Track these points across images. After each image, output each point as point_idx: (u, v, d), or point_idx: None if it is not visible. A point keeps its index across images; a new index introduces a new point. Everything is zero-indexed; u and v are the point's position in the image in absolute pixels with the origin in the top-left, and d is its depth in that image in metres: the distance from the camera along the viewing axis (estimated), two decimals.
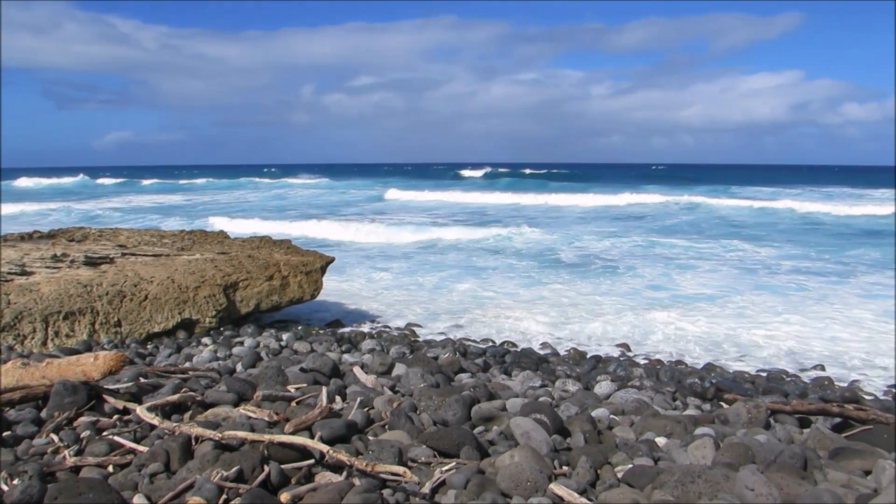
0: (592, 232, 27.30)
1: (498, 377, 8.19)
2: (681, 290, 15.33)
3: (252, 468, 4.22)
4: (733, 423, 6.14)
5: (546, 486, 4.01)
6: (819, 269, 18.26)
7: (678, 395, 7.85)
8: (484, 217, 34.26)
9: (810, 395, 8.09)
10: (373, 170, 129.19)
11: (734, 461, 4.54)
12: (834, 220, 32.40)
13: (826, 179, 76.31)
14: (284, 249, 12.31)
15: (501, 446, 4.94)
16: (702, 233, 27.48)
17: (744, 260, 19.68)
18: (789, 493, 3.95)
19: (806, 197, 44.76)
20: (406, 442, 4.89)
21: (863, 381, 9.22)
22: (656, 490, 4.00)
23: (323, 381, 6.69)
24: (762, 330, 11.83)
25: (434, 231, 25.10)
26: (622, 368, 9.00)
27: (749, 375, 9.27)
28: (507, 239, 23.36)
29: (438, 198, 47.14)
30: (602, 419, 5.94)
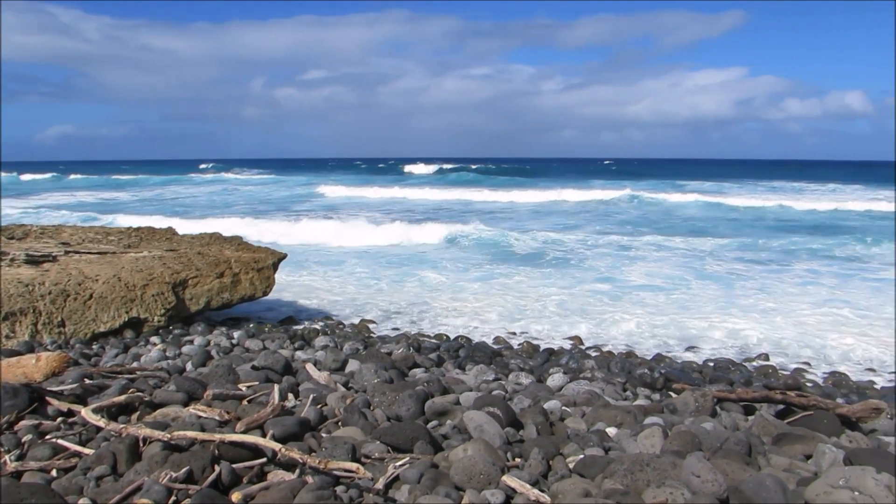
0: (544, 226, 27.59)
1: (452, 372, 8.22)
2: (630, 282, 15.60)
3: (202, 468, 4.15)
4: (681, 411, 6.29)
5: (499, 479, 4.05)
6: (762, 259, 18.79)
7: (628, 385, 7.99)
8: (436, 213, 34.25)
9: (755, 384, 8.33)
10: (323, 165, 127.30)
11: (682, 449, 4.65)
12: (777, 214, 33.33)
13: (770, 174, 78.32)
14: (235, 246, 12.12)
15: (455, 440, 4.97)
16: (650, 226, 28.01)
17: (690, 252, 20.11)
18: (734, 478, 4.07)
19: (748, 191, 45.92)
20: (360, 438, 4.88)
21: (804, 369, 9.53)
22: (606, 479, 4.07)
23: (275, 378, 6.62)
24: (709, 320, 12.12)
25: (386, 227, 25.00)
26: (574, 361, 9.13)
27: (697, 365, 9.50)
28: (460, 235, 23.40)
29: (391, 194, 46.20)
30: (554, 411, 6.02)
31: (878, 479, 3.66)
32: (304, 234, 23.70)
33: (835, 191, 48.78)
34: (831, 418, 5.94)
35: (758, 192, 45.19)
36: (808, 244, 21.43)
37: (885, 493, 3.60)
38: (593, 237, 23.38)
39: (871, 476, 3.68)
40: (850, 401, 7.18)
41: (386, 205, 38.23)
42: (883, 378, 9.21)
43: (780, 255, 19.76)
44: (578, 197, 40.84)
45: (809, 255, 19.55)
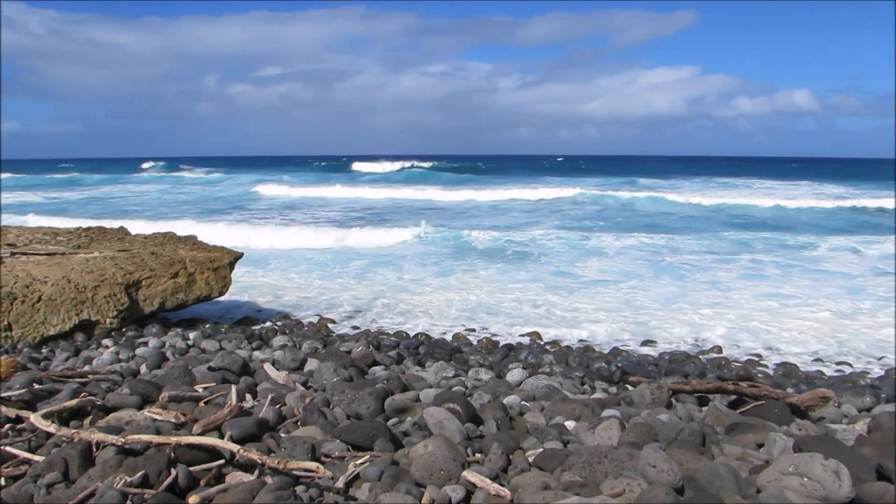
0: (503, 223, 27.74)
1: (412, 369, 8.22)
2: (586, 277, 15.80)
3: (158, 472, 4.08)
4: (638, 404, 6.39)
5: (459, 474, 4.07)
6: (715, 254, 19.20)
7: (586, 379, 8.09)
8: (395, 211, 34.14)
9: (708, 375, 8.51)
10: (279, 162, 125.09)
11: (638, 440, 4.73)
12: (728, 210, 34.05)
13: (722, 171, 79.86)
14: (190, 245, 11.92)
15: (415, 437, 4.97)
16: (606, 221, 28.39)
17: (646, 247, 20.45)
18: (689, 468, 4.15)
19: (700, 187, 46.73)
20: (319, 437, 4.85)
21: (755, 360, 9.77)
22: (565, 472, 4.12)
23: (232, 379, 6.54)
24: (664, 313, 12.35)
25: (342, 228, 24.84)
26: (533, 356, 9.20)
27: (653, 358, 9.66)
28: (419, 232, 23.37)
29: (349, 194, 44.39)
30: (514, 406, 6.06)
31: (825, 465, 3.77)
32: (258, 234, 23.27)
33: (783, 187, 49.93)
34: (781, 407, 6.10)
35: (710, 189, 46.07)
36: (758, 239, 21.97)
37: (833, 478, 3.71)
38: (551, 233, 23.59)
39: (819, 462, 3.79)
40: (799, 390, 7.38)
41: (344, 204, 37.53)
42: (830, 368, 9.50)
43: (731, 249, 20.21)
44: (535, 195, 40.66)
45: (759, 250, 20.04)
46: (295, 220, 28.72)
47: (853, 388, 7.90)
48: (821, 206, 33.75)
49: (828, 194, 42.19)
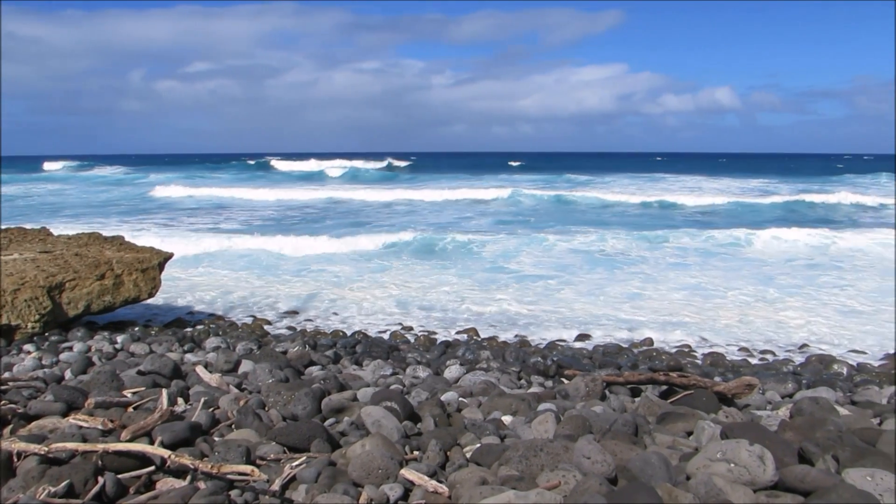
0: (440, 220, 27.78)
1: (349, 368, 8.16)
2: (522, 272, 15.97)
3: (84, 481, 3.94)
4: (573, 397, 6.51)
5: (397, 472, 4.06)
6: (646, 248, 19.69)
7: (523, 374, 8.19)
8: (331, 210, 33.80)
9: (641, 367, 8.73)
10: (213, 159, 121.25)
11: (573, 433, 4.82)
12: (657, 205, 34.91)
13: (651, 166, 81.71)
14: (117, 246, 11.52)
15: (353, 436, 4.94)
16: (541, 217, 28.76)
17: (581, 242, 20.80)
18: (622, 457, 4.25)
19: (630, 182, 47.63)
20: (254, 440, 4.76)
21: (685, 350, 10.06)
22: (502, 466, 4.16)
23: (163, 383, 6.36)
24: (598, 307, 12.61)
25: (280, 227, 24.46)
26: (470, 352, 9.26)
27: (587, 352, 9.85)
28: (358, 231, 23.21)
29: (284, 195, 40.58)
30: (451, 402, 6.09)
31: (750, 450, 3.92)
32: (187, 236, 22.51)
33: (707, 182, 51.34)
34: (710, 396, 6.31)
35: (639, 184, 47.13)
36: (684, 233, 22.62)
37: (757, 462, 3.86)
38: (487, 230, 23.78)
39: (744, 448, 3.93)
40: (726, 379, 7.64)
41: (273, 206, 35.99)
42: (755, 357, 9.87)
43: (658, 244, 20.75)
44: (470, 194, 39.30)
45: (685, 244, 20.61)
46: (247, 217, 28.03)
47: (776, 376, 8.23)
48: (744, 200, 34.90)
49: (751, 188, 43.80)
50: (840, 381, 8.31)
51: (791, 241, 20.10)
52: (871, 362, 9.58)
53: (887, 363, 9.47)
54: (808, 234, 20.59)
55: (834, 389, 7.44)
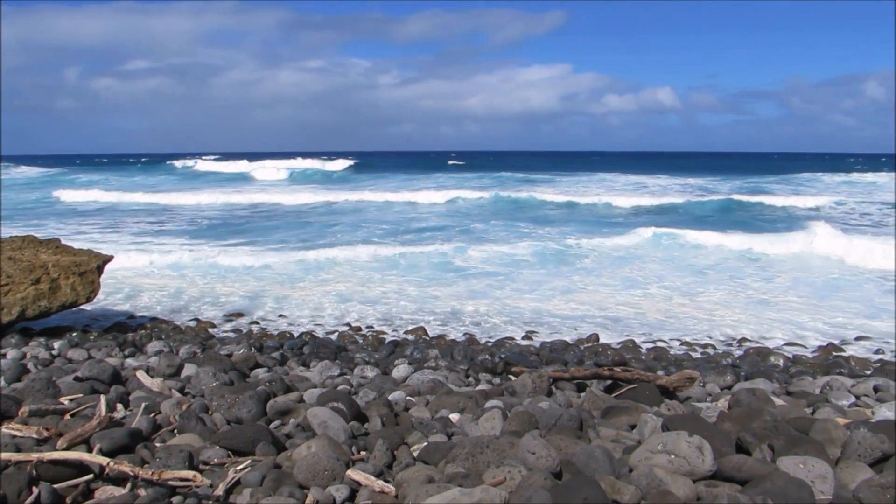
0: (384, 219, 27.66)
1: (296, 369, 8.08)
2: (470, 271, 16.04)
3: (18, 492, 3.81)
4: (520, 393, 6.57)
5: (343, 473, 4.04)
6: (592, 245, 20.00)
7: (471, 371, 8.23)
8: (276, 211, 33.35)
9: (586, 362, 8.86)
10: (156, 158, 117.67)
11: (520, 429, 4.86)
12: (604, 205, 35.10)
13: (594, 166, 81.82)
14: (53, 249, 11.13)
15: (299, 438, 4.89)
16: (486, 216, 28.92)
17: (526, 241, 21.01)
18: (567, 452, 4.31)
19: (568, 184, 47.44)
20: (197, 445, 4.68)
21: (629, 345, 10.26)
22: (449, 464, 4.17)
23: (102, 389, 6.18)
24: (543, 304, 12.76)
25: (215, 229, 24.02)
26: (419, 351, 9.26)
27: (534, 348, 9.96)
28: (308, 232, 22.98)
29: (219, 199, 37.16)
30: (399, 401, 6.09)
31: (690, 441, 4.02)
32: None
33: (651, 180, 52.16)
34: (652, 390, 6.46)
35: (582, 184, 47.49)
36: (627, 231, 23.04)
37: (697, 453, 3.96)
38: (433, 229, 23.80)
39: (684, 440, 4.03)
40: (668, 372, 7.82)
41: (209, 209, 34.15)
42: (696, 351, 10.12)
43: (603, 242, 21.10)
44: (416, 196, 36.73)
45: (630, 243, 20.99)
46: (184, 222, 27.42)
47: (716, 368, 8.47)
48: (688, 199, 35.56)
49: (692, 186, 44.86)
50: (776, 372, 8.59)
51: (714, 244, 19.99)
52: (805, 354, 9.93)
53: (819, 354, 9.83)
54: (736, 237, 20.75)
55: (770, 381, 7.68)
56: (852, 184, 46.96)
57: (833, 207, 31.61)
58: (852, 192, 39.62)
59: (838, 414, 5.75)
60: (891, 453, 4.21)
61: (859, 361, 9.38)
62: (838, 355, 9.69)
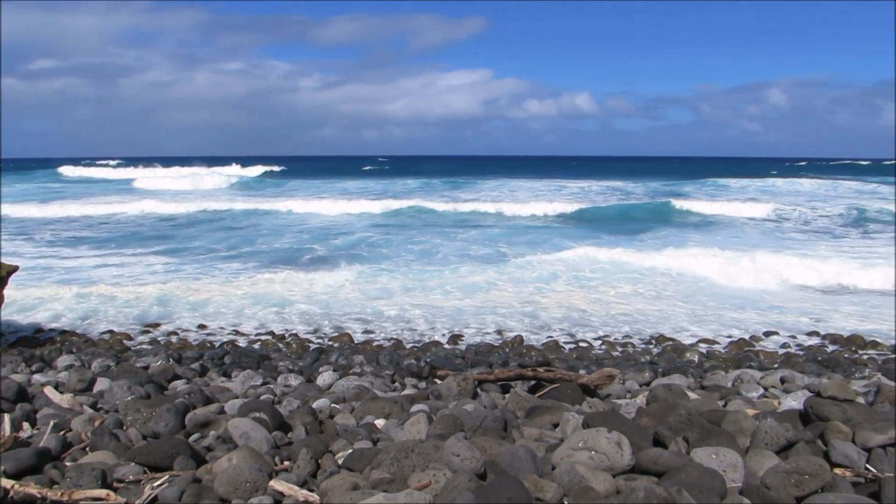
0: (302, 228, 27.00)
1: (217, 380, 7.88)
2: (395, 276, 16.00)
3: None
4: (445, 396, 6.60)
5: (266, 484, 3.95)
6: (515, 252, 20.31)
7: (397, 376, 8.21)
8: (195, 219, 32.32)
9: (511, 364, 8.97)
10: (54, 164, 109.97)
11: (445, 432, 4.88)
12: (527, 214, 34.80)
13: (516, 171, 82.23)
14: None
15: (220, 451, 4.76)
16: (412, 221, 28.96)
17: (450, 245, 21.17)
18: (491, 453, 4.35)
19: (489, 190, 47.08)
20: (111, 462, 4.49)
21: (552, 346, 10.46)
22: (374, 470, 4.15)
23: (6, 407, 5.83)
24: (469, 308, 12.87)
25: (137, 236, 23.17)
26: (344, 357, 9.18)
27: (460, 351, 10.03)
28: (222, 240, 22.42)
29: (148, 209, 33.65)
30: (323, 409, 6.01)
31: (609, 437, 4.12)
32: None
33: (574, 184, 53.11)
34: (574, 388, 6.59)
35: (507, 189, 47.77)
36: (550, 233, 23.54)
37: (616, 449, 4.06)
38: (358, 235, 23.64)
39: (603, 436, 4.13)
40: (590, 371, 8.00)
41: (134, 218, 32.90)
42: (617, 349, 10.41)
43: (508, 246, 21.46)
44: (333, 207, 33.73)
45: (541, 247, 21.38)
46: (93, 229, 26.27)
47: (635, 366, 8.72)
48: (609, 203, 36.22)
49: (615, 189, 46.12)
50: (692, 368, 8.92)
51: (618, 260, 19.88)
52: (718, 349, 10.36)
53: (731, 349, 10.28)
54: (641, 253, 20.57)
55: (686, 376, 7.98)
56: (773, 190, 47.59)
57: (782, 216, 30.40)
58: (786, 200, 38.28)
59: (748, 405, 6.01)
60: (795, 441, 4.44)
61: (767, 355, 9.87)
62: (748, 350, 10.15)
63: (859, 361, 9.38)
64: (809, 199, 37.44)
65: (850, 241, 23.58)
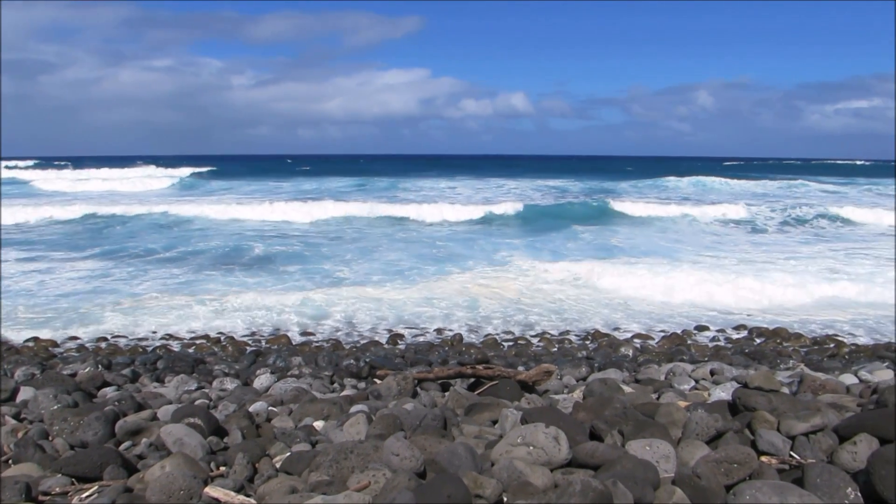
0: (230, 231, 26.28)
1: (149, 386, 7.66)
2: (331, 278, 15.89)
3: None
4: (385, 396, 6.57)
5: (201, 491, 3.86)
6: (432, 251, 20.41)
7: (336, 377, 8.15)
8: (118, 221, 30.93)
9: (450, 362, 9.01)
10: None
11: (385, 432, 4.86)
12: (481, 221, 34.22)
13: (455, 170, 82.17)
14: None
15: (152, 458, 4.62)
16: (345, 222, 28.69)
17: (390, 245, 21.11)
18: (431, 451, 4.35)
19: (429, 191, 46.63)
20: (36, 474, 4.31)
21: (492, 343, 10.54)
22: (313, 472, 4.10)
23: None
24: (408, 307, 12.86)
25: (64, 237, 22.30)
26: (281, 359, 9.06)
27: (400, 350, 10.01)
28: (151, 245, 21.77)
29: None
30: (260, 412, 5.91)
31: (546, 432, 4.18)
32: None
33: (509, 182, 53.51)
34: (513, 385, 6.65)
35: (447, 190, 47.63)
36: (496, 232, 23.74)
37: (553, 443, 4.12)
38: (291, 238, 23.33)
39: (541, 431, 4.19)
40: (528, 367, 8.10)
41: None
42: (555, 346, 10.56)
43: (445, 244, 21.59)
44: (266, 211, 31.09)
45: (482, 248, 21.59)
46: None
47: (572, 361, 8.88)
48: (550, 202, 36.23)
49: (552, 188, 46.75)
50: (626, 362, 9.13)
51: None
52: (652, 343, 10.63)
53: (664, 343, 10.56)
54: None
55: (621, 370, 8.16)
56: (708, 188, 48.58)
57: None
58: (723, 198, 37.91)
59: (680, 397, 6.19)
60: (724, 430, 4.58)
61: (699, 348, 10.18)
62: (681, 344, 10.45)
63: (784, 353, 9.78)
64: (740, 199, 38.48)
65: (773, 238, 24.53)
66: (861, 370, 7.62)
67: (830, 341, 10.62)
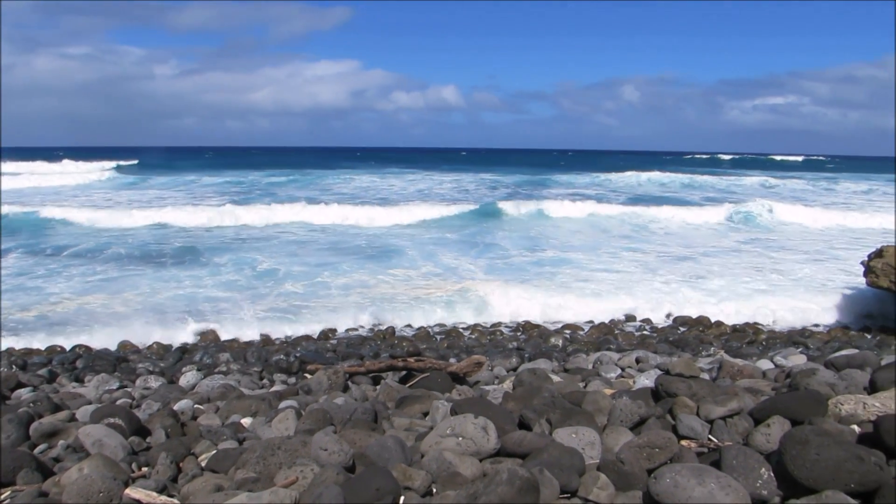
0: (155, 226, 25.33)
1: (67, 386, 7.38)
2: (258, 272, 15.58)
3: None
4: (315, 391, 6.51)
5: (121, 493, 3.74)
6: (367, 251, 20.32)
7: (265, 373, 8.02)
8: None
9: (382, 355, 8.99)
10: None
11: (314, 427, 4.80)
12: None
13: (386, 163, 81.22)
14: None
15: (70, 461, 4.45)
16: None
17: (314, 243, 20.87)
18: (361, 445, 4.33)
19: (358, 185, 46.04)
20: None
21: (422, 335, 10.57)
22: (239, 470, 4.02)
23: None
24: (337, 301, 12.75)
25: None
26: (209, 356, 8.86)
27: (331, 345, 9.92)
28: (74, 240, 20.94)
29: None
30: (186, 410, 5.77)
31: (476, 423, 4.21)
32: None
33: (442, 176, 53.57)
34: (444, 377, 6.69)
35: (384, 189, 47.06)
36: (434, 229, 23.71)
37: (482, 434, 4.16)
38: (218, 232, 22.81)
39: (470, 422, 4.22)
40: (459, 359, 8.16)
41: None
42: (486, 337, 10.66)
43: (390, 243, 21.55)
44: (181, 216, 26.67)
45: (443, 242, 21.60)
46: None
47: (503, 352, 8.98)
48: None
49: (484, 181, 46.97)
50: (556, 352, 9.30)
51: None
52: (581, 334, 10.85)
53: (592, 333, 10.79)
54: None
55: (551, 360, 8.30)
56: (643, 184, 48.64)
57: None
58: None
59: (606, 385, 6.34)
60: (647, 416, 4.72)
61: (626, 337, 10.44)
62: (608, 334, 10.70)
63: (705, 340, 10.13)
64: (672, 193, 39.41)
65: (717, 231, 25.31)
66: (776, 356, 7.96)
67: (749, 329, 11.07)
